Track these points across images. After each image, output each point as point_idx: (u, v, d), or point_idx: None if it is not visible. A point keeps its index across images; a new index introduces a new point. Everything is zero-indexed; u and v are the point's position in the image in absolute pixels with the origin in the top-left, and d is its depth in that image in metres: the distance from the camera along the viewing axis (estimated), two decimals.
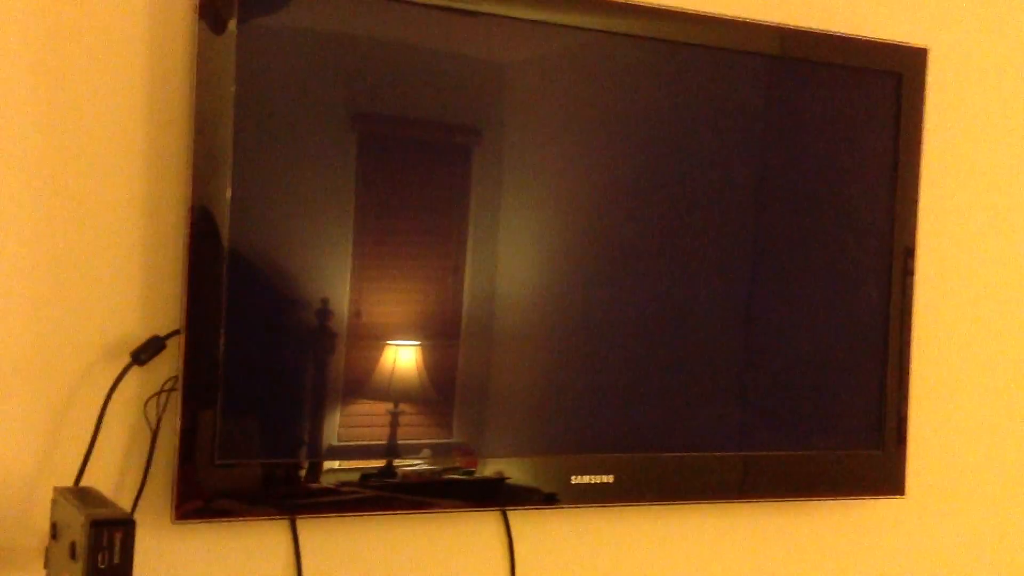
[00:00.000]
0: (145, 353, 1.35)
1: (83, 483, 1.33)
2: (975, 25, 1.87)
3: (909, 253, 1.73)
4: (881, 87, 1.71)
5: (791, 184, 1.68)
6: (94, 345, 1.38)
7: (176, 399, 1.35)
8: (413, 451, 1.47)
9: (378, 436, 1.47)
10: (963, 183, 1.87)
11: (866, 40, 1.70)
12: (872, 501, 1.79)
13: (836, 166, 1.70)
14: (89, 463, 1.34)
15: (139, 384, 1.39)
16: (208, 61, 1.33)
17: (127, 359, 1.37)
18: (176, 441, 1.34)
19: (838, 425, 1.72)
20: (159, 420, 1.38)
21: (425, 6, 1.44)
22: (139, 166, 1.39)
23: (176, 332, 1.36)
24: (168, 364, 1.38)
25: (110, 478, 1.38)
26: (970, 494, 1.91)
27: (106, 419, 1.35)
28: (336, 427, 1.44)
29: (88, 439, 1.35)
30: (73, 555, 1.10)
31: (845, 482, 1.73)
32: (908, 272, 1.73)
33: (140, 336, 1.38)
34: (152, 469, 1.38)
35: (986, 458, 1.92)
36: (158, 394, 1.38)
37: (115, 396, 1.36)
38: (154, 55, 1.38)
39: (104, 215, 1.38)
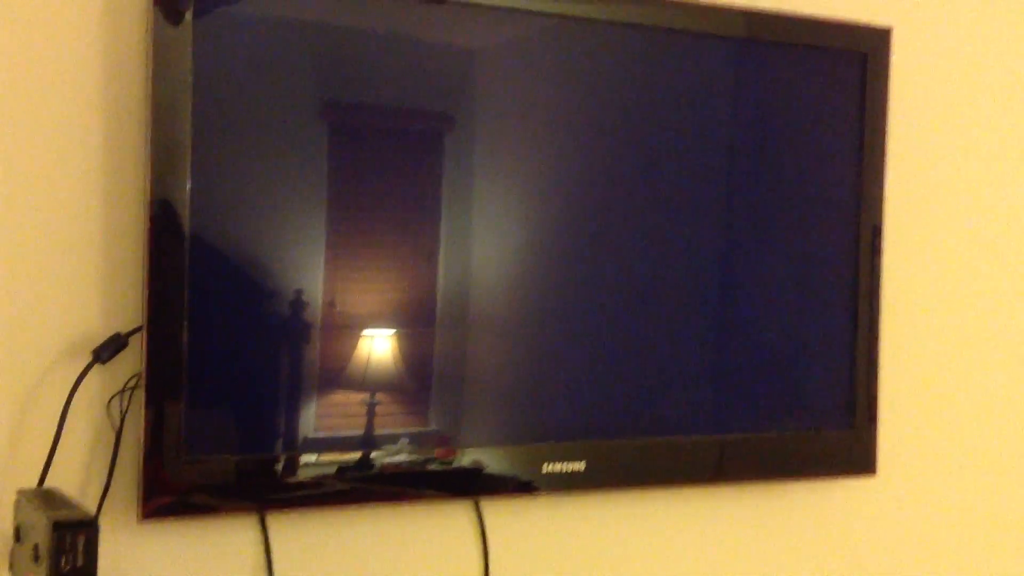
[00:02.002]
0: (107, 351, 1.33)
1: (47, 484, 1.31)
2: (938, 5, 1.88)
3: (876, 232, 1.74)
4: (846, 68, 1.71)
5: (759, 165, 1.68)
6: (55, 344, 1.36)
7: (140, 396, 1.33)
8: (389, 441, 1.46)
9: (354, 427, 1.45)
10: (929, 161, 1.88)
11: (831, 21, 1.70)
12: (844, 481, 1.80)
13: (803, 147, 1.70)
14: (53, 464, 1.32)
15: (102, 382, 1.37)
16: (164, 52, 1.31)
17: (89, 357, 1.34)
18: (140, 439, 1.32)
19: (809, 405, 1.72)
20: (123, 418, 1.36)
21: None
22: (96, 160, 1.36)
23: (138, 329, 1.34)
24: (131, 361, 1.36)
25: (75, 478, 1.36)
26: (941, 472, 1.92)
27: (69, 418, 1.33)
28: (310, 418, 1.43)
29: (51, 439, 1.32)
30: (37, 558, 1.08)
31: (817, 462, 1.73)
32: (876, 250, 1.74)
33: (102, 333, 1.36)
34: (117, 468, 1.36)
35: (957, 436, 1.93)
36: (121, 392, 1.36)
37: (78, 395, 1.34)
38: (109, 46, 1.36)
39: (61, 210, 1.36)
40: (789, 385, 1.71)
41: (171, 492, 1.34)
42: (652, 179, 1.62)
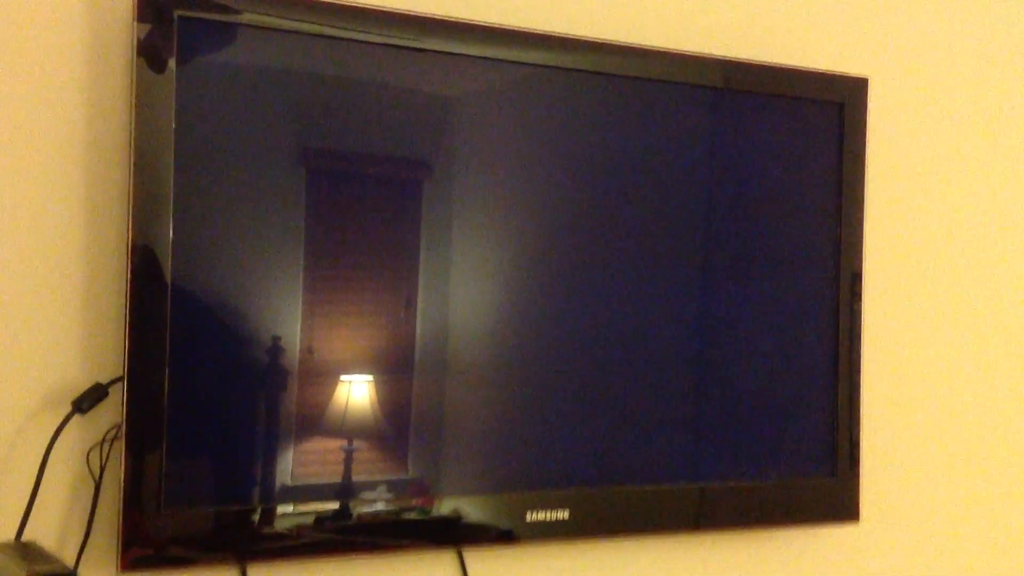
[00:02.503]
0: (87, 401, 1.32)
1: (25, 537, 1.29)
2: (913, 55, 1.91)
3: (856, 278, 1.75)
4: (824, 117, 1.73)
5: (738, 214, 1.69)
6: (34, 394, 1.34)
7: (120, 447, 1.32)
8: (368, 489, 1.44)
9: (332, 475, 1.44)
10: (906, 207, 1.90)
11: (809, 71, 1.72)
12: (827, 528, 1.80)
13: (781, 195, 1.72)
14: (31, 516, 1.30)
15: (81, 433, 1.36)
16: (147, 100, 1.31)
17: (68, 407, 1.33)
18: (120, 490, 1.31)
19: (791, 453, 1.72)
20: (102, 469, 1.34)
21: (369, 43, 1.43)
22: (78, 208, 1.36)
23: (119, 379, 1.33)
24: (112, 411, 1.35)
25: (53, 530, 1.34)
26: (924, 519, 1.92)
27: (48, 469, 1.32)
28: (288, 467, 1.41)
29: (29, 491, 1.31)
30: None
31: (800, 510, 1.73)
32: (856, 296, 1.75)
33: (82, 383, 1.35)
34: (97, 519, 1.34)
35: (939, 482, 1.93)
36: (101, 443, 1.35)
37: (57, 446, 1.32)
38: (92, 94, 1.36)
39: (42, 259, 1.35)
40: (771, 433, 1.71)
41: (151, 544, 1.32)
42: (631, 228, 1.62)
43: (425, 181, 1.49)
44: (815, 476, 1.73)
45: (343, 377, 1.44)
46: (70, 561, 1.33)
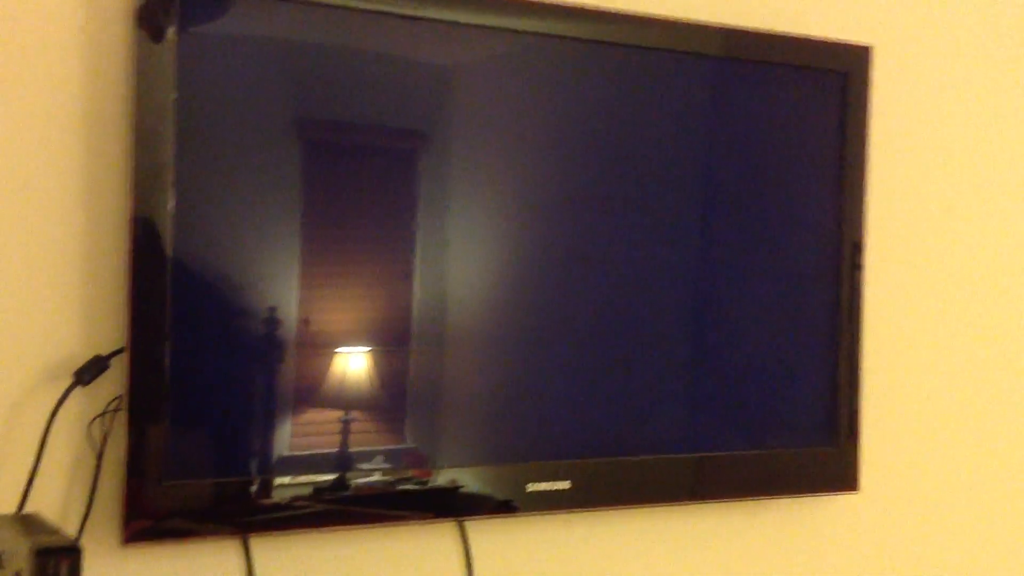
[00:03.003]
0: (88, 373, 1.31)
1: (27, 509, 1.29)
2: (917, 24, 1.89)
3: (857, 248, 1.74)
4: (827, 86, 1.72)
5: (739, 183, 1.69)
6: (35, 366, 1.34)
7: (121, 419, 1.32)
8: (366, 459, 1.45)
9: (330, 445, 1.44)
10: (909, 178, 1.89)
11: (811, 39, 1.71)
12: (827, 497, 1.80)
13: (783, 164, 1.71)
14: (32, 488, 1.30)
15: (82, 405, 1.35)
16: (147, 70, 1.30)
17: (69, 379, 1.33)
18: (122, 462, 1.31)
19: (791, 423, 1.73)
20: (104, 442, 1.34)
21: (367, 11, 1.42)
22: (77, 180, 1.35)
23: (120, 351, 1.32)
24: (112, 383, 1.34)
25: (55, 502, 1.34)
26: (924, 488, 1.93)
27: (49, 442, 1.32)
28: (287, 439, 1.41)
29: (31, 464, 1.31)
30: None
31: (800, 479, 1.73)
32: (857, 267, 1.74)
33: (82, 356, 1.35)
34: (99, 492, 1.34)
35: (939, 451, 1.94)
36: (102, 415, 1.34)
37: (58, 418, 1.32)
38: (91, 65, 1.35)
39: (42, 231, 1.34)
40: (772, 403, 1.71)
41: (153, 515, 1.32)
42: (631, 198, 1.62)
43: (422, 151, 1.49)
44: (815, 446, 1.73)
45: (340, 349, 1.43)
46: (72, 533, 1.33)
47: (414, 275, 1.48)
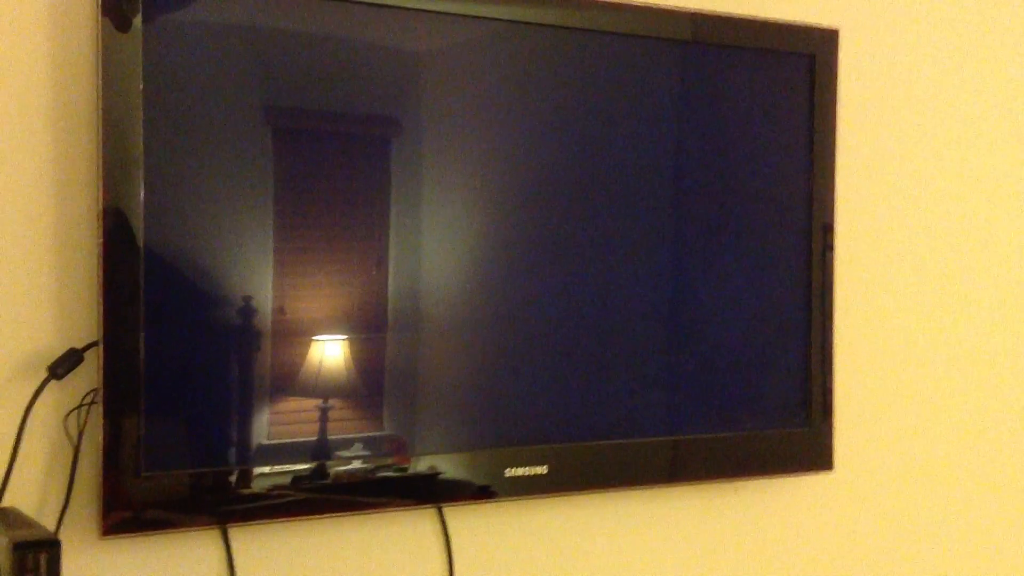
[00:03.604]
0: (62, 367, 1.31)
1: (3, 504, 1.28)
2: (883, 7, 1.91)
3: (828, 229, 1.76)
4: (795, 69, 1.73)
5: (709, 167, 1.69)
6: (8, 361, 1.33)
7: (97, 412, 1.31)
8: (345, 447, 1.45)
9: (308, 433, 1.44)
10: (877, 159, 1.90)
11: (779, 23, 1.72)
12: (802, 477, 1.82)
13: (753, 148, 1.72)
14: (9, 483, 1.30)
15: (57, 399, 1.35)
16: (113, 60, 1.29)
17: (43, 373, 1.32)
18: (99, 455, 1.30)
19: (766, 403, 1.74)
20: (80, 435, 1.34)
21: None
22: (46, 172, 1.34)
23: (94, 343, 1.32)
24: (86, 377, 1.34)
25: (32, 496, 1.34)
26: (898, 466, 1.95)
27: (24, 437, 1.31)
28: (265, 428, 1.41)
29: (6, 458, 1.30)
30: None
31: (774, 460, 1.75)
32: (828, 247, 1.76)
33: (55, 349, 1.34)
34: (76, 485, 1.34)
35: (912, 430, 1.96)
36: (78, 408, 1.34)
37: (33, 412, 1.31)
38: (57, 55, 1.34)
39: (11, 224, 1.33)
40: (745, 384, 1.73)
41: (131, 507, 1.32)
42: (602, 182, 1.62)
43: (394, 138, 1.49)
44: (789, 426, 1.75)
45: (316, 338, 1.43)
46: (50, 527, 1.32)
47: (389, 262, 1.48)
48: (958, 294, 1.99)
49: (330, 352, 1.44)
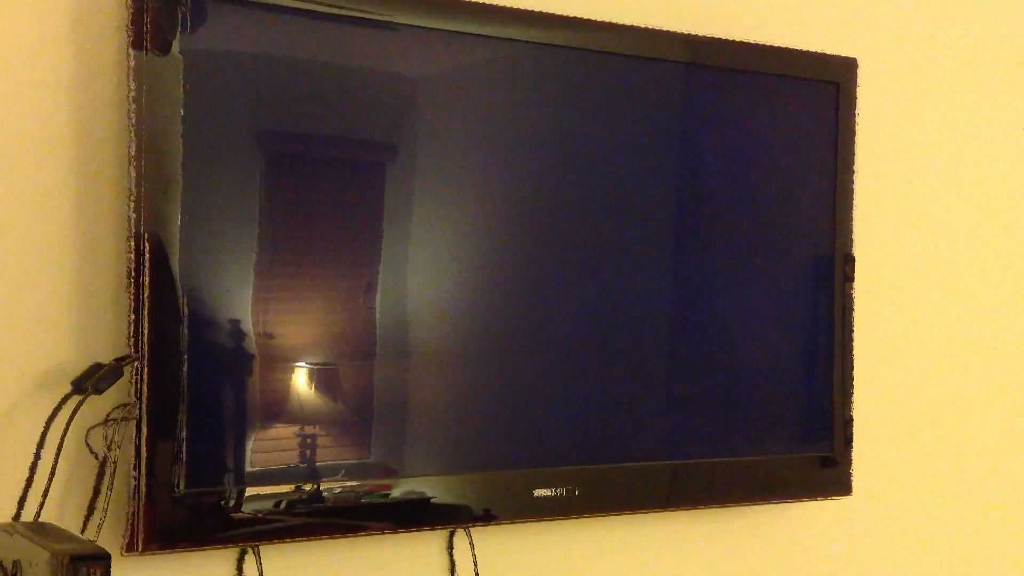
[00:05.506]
0: (105, 381, 1.28)
1: (20, 518, 1.26)
2: (900, 36, 1.93)
3: (849, 257, 1.76)
4: (820, 96, 1.73)
5: (730, 193, 1.69)
6: (25, 376, 1.31)
7: (126, 428, 1.29)
8: (332, 474, 1.42)
9: (293, 459, 1.41)
10: (896, 188, 1.92)
11: (804, 52, 1.73)
12: (821, 502, 1.82)
13: (775, 175, 1.72)
14: (27, 496, 1.27)
15: (80, 414, 1.32)
16: (144, 84, 1.27)
17: (66, 388, 1.30)
18: (126, 471, 1.29)
19: (785, 428, 1.74)
20: (108, 450, 1.32)
21: (333, 18, 1.38)
22: (69, 192, 1.33)
23: (128, 357, 1.30)
24: (110, 392, 1.31)
25: (50, 512, 1.31)
26: (917, 492, 1.95)
27: (47, 451, 1.29)
28: (273, 448, 1.40)
29: (26, 473, 1.28)
30: None
31: (794, 485, 1.75)
32: (848, 277, 1.76)
33: (75, 363, 1.32)
34: (98, 501, 1.32)
35: (932, 456, 1.96)
36: (104, 423, 1.32)
37: (54, 426, 1.29)
38: (82, 75, 1.33)
39: (34, 240, 1.32)
40: (766, 409, 1.72)
41: (159, 525, 1.30)
42: (616, 208, 1.59)
43: (389, 163, 1.46)
44: (809, 451, 1.75)
45: (300, 364, 1.41)
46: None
47: (377, 287, 1.44)
48: (977, 319, 2.00)
49: (321, 379, 1.42)
